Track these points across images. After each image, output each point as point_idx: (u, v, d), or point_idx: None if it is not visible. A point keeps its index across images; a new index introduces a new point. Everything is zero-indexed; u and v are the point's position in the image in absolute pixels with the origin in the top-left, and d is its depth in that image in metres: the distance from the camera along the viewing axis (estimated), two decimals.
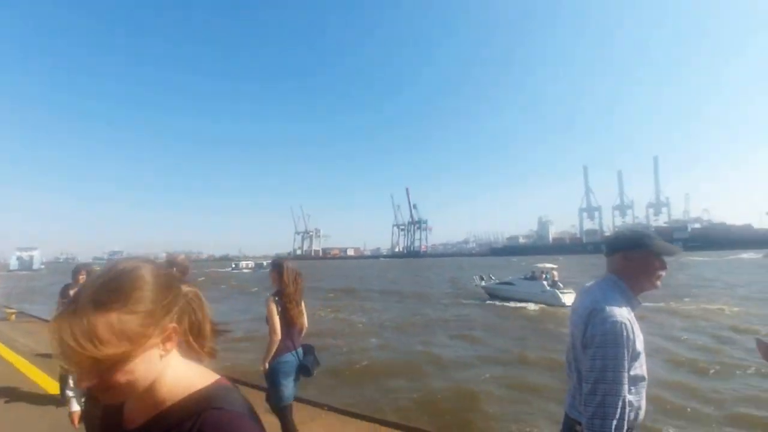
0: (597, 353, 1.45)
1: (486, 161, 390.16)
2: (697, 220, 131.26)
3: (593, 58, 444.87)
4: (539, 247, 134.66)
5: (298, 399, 3.70)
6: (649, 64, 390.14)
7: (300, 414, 3.89)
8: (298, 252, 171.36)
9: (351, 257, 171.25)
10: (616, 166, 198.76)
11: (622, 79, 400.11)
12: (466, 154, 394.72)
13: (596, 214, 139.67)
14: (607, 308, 1.51)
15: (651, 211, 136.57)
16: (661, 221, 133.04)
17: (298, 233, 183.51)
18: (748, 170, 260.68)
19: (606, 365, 1.44)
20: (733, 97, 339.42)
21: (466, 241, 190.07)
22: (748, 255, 72.01)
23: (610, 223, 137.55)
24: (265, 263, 74.95)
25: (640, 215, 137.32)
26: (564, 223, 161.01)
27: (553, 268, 21.87)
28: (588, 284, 1.75)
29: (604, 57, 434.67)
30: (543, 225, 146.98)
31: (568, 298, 19.07)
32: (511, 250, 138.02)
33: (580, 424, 1.55)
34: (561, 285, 20.71)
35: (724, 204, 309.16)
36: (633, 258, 1.62)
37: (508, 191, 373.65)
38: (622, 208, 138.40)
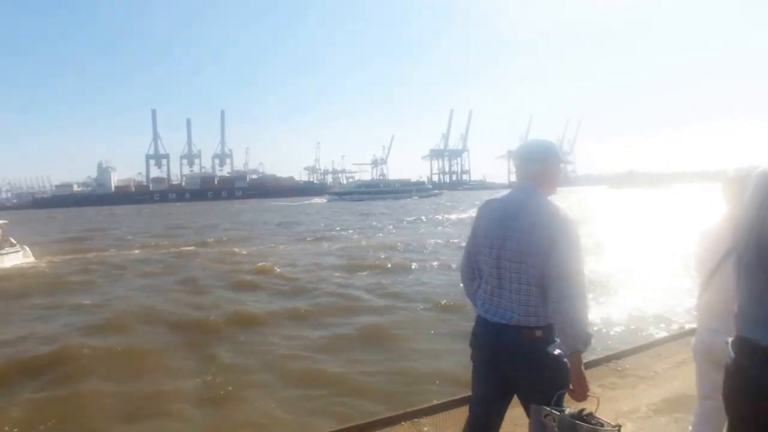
0: (570, 252, 1.71)
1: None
2: (254, 171, 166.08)
3: None
4: (100, 196, 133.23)
5: None
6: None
7: None
8: None
9: None
10: (186, 115, 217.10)
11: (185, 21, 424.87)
12: None
13: (164, 161, 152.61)
14: (561, 209, 1.79)
15: (217, 161, 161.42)
16: (225, 171, 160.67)
17: None
18: (293, 132, 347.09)
19: (579, 262, 1.73)
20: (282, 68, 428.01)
21: None
22: (317, 200, 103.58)
23: (178, 172, 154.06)
24: None
25: (207, 165, 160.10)
26: (130, 170, 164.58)
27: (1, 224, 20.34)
28: (502, 193, 2.00)
29: None
30: (104, 172, 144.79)
31: (11, 259, 18.69)
32: (61, 200, 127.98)
33: (540, 328, 1.77)
34: (12, 242, 19.95)
35: (276, 158, 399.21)
36: (552, 167, 1.93)
37: (61, 133, 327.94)
38: (190, 157, 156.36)
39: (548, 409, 1.67)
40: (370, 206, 64.07)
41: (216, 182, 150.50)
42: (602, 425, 1.58)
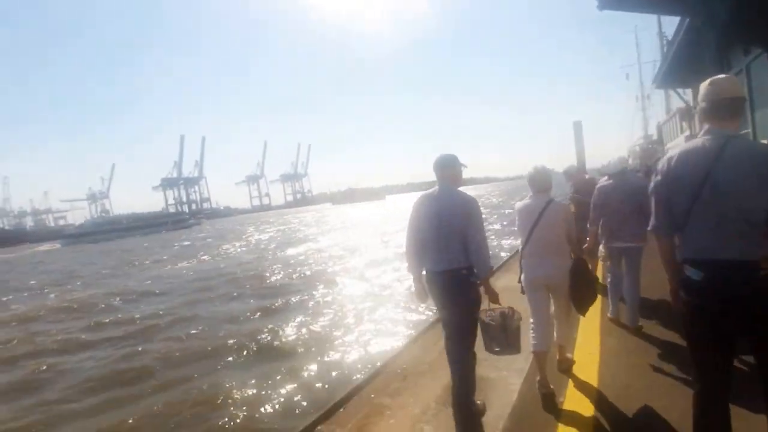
0: (478, 219, 3.01)
1: None
2: None
3: None
4: None
5: None
6: None
7: None
8: None
9: None
10: None
11: None
12: None
13: None
14: (469, 195, 3.05)
15: None
16: None
17: None
18: None
19: (483, 225, 3.11)
20: None
21: None
22: (47, 246, 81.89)
23: None
24: None
25: None
26: None
27: None
28: (431, 191, 3.12)
29: None
30: None
31: None
32: None
33: (465, 268, 2.94)
34: None
35: None
36: (458, 169, 3.13)
37: None
38: None
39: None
40: (128, 245, 52.74)
41: None
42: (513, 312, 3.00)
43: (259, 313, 10.67)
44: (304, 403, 5.72)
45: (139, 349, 8.84)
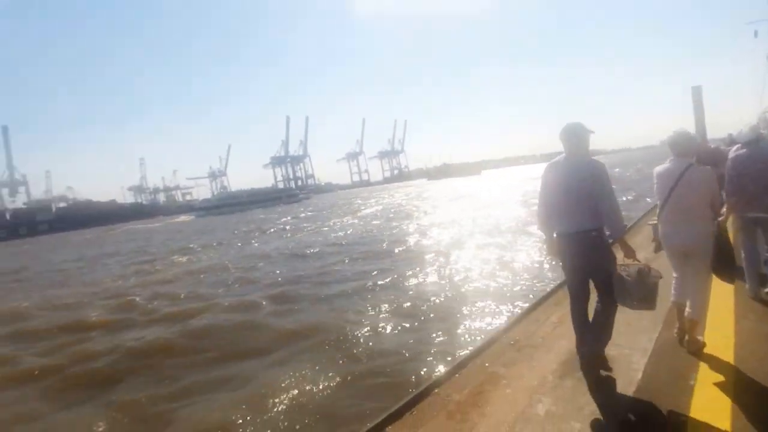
0: (608, 183, 3.15)
1: None
2: (62, 198, 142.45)
3: None
4: None
5: None
6: None
7: None
8: None
9: None
10: None
11: None
12: None
13: None
14: (599, 162, 3.19)
15: (6, 191, 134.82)
16: (20, 202, 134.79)
17: None
18: (107, 149, 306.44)
19: (612, 189, 3.19)
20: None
21: None
22: (183, 218, 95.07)
23: None
24: None
25: None
26: None
27: None
28: (557, 159, 3.34)
29: None
30: None
31: None
32: None
33: (595, 230, 3.12)
34: None
35: (90, 181, 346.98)
36: (586, 140, 3.25)
37: None
38: None
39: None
40: (250, 216, 59.81)
41: (8, 217, 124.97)
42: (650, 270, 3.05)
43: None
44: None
45: None
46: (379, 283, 11.10)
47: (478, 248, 14.36)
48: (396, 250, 16.24)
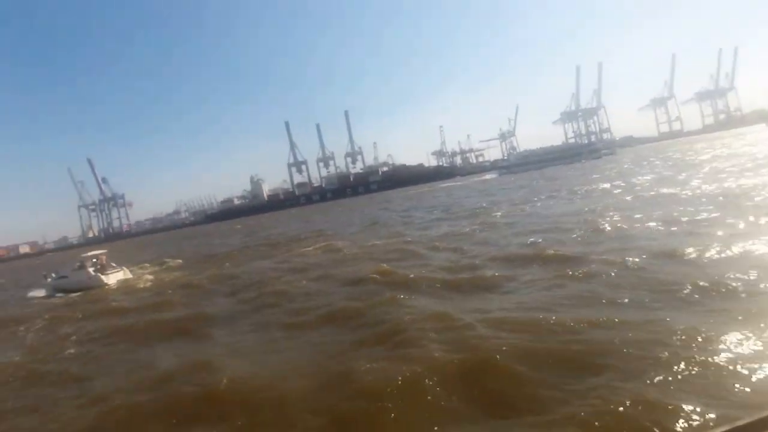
0: None
1: (187, 124, 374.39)
2: (384, 164, 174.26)
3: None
4: (256, 206, 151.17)
5: None
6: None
7: None
8: None
9: (27, 255, 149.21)
10: (315, 120, 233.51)
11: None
12: (163, 118, 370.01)
13: (303, 167, 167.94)
14: None
15: (348, 160, 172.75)
16: (358, 168, 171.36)
17: None
18: (414, 120, 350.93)
19: None
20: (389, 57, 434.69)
21: (177, 212, 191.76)
22: (488, 176, 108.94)
23: (316, 174, 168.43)
24: None
25: (341, 164, 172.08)
26: (276, 179, 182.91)
27: (101, 254, 28.98)
28: None
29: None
30: (256, 184, 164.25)
31: (113, 277, 26.89)
32: (227, 213, 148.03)
33: None
34: (113, 266, 28.24)
35: (403, 148, 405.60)
36: None
37: (216, 154, 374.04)
38: (324, 160, 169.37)
39: None
40: (551, 173, 63.51)
41: (352, 179, 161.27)
42: None
43: None
44: None
45: None
46: None
47: None
48: None
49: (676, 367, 6.15)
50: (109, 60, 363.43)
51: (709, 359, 6.23)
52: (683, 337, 6.93)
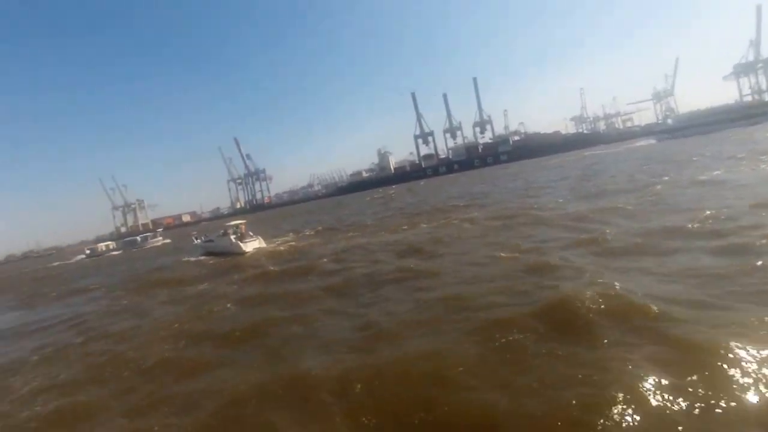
0: None
1: (316, 99, 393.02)
2: (516, 132, 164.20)
3: None
4: (383, 178, 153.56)
5: None
6: None
7: None
8: (123, 230, 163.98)
9: (189, 223, 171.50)
10: (442, 90, 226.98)
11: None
12: (296, 95, 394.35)
13: (430, 138, 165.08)
14: None
15: (477, 129, 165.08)
16: (487, 138, 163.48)
17: (116, 209, 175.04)
18: (550, 84, 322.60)
19: None
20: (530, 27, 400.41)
21: (310, 185, 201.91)
22: (642, 142, 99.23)
23: (443, 146, 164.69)
24: (139, 238, 77.83)
25: (468, 134, 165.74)
26: (403, 151, 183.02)
27: (241, 223, 32.56)
28: None
29: None
30: (383, 156, 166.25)
31: (251, 245, 29.96)
32: (356, 186, 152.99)
33: None
34: (251, 234, 31.34)
35: (537, 115, 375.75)
36: None
37: (344, 127, 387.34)
38: (452, 131, 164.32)
39: None
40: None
41: (480, 150, 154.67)
42: None
43: None
44: None
45: None
46: None
47: None
48: None
49: None
50: (252, 54, 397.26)
51: None
52: None
